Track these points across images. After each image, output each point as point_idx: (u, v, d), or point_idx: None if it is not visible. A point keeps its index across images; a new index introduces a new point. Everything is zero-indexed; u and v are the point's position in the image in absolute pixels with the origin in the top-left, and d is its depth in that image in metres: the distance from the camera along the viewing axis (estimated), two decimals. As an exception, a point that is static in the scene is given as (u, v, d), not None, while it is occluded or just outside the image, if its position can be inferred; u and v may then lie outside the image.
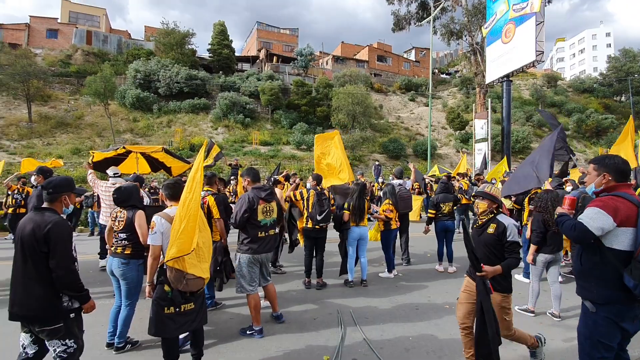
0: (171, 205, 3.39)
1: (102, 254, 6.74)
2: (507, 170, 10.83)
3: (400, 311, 4.87)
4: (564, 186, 6.32)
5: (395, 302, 5.21)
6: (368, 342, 3.91)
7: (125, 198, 3.85)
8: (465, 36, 26.43)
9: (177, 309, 3.05)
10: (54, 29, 32.61)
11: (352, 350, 3.78)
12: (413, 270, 6.95)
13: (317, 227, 5.69)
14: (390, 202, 6.38)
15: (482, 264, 2.93)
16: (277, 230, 4.39)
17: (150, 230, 3.19)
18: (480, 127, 20.80)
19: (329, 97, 28.76)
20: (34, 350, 2.62)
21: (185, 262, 2.93)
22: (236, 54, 37.82)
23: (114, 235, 3.79)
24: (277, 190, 5.87)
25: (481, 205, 3.28)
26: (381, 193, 6.82)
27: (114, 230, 3.80)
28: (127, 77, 27.79)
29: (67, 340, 2.60)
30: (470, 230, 3.34)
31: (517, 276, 6.22)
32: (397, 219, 6.52)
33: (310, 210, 5.67)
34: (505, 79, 18.08)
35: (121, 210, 3.83)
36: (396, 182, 7.27)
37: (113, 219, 3.81)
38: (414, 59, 50.00)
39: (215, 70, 32.97)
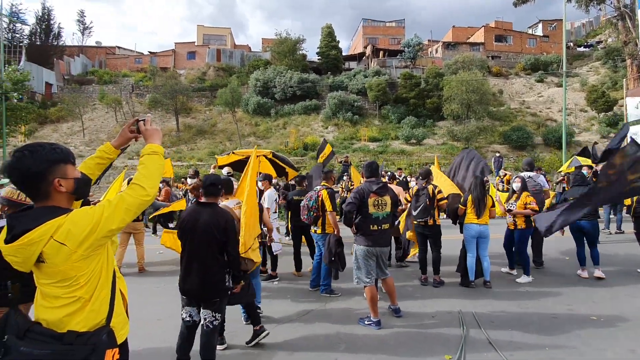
0: (226, 199, 4.00)
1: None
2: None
3: (532, 318, 4.39)
4: None
5: (524, 308, 4.71)
6: (495, 347, 3.65)
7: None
8: (610, -2, 21.93)
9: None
10: (192, 51, 38.48)
11: (477, 353, 3.58)
12: (546, 275, 6.15)
13: (420, 222, 5.56)
14: (529, 195, 5.79)
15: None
16: (389, 225, 4.36)
17: None
18: (635, 106, 17.00)
19: (440, 87, 27.22)
20: (198, 319, 3.19)
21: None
22: (343, 54, 38.77)
23: None
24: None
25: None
26: (512, 186, 6.19)
27: None
28: (249, 86, 31.08)
29: (216, 314, 3.14)
30: None
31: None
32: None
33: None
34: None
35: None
36: (525, 174, 6.50)
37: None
38: (541, 34, 43.61)
39: (324, 72, 34.37)
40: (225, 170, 6.94)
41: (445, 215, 6.51)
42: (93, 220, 1.58)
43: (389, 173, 6.81)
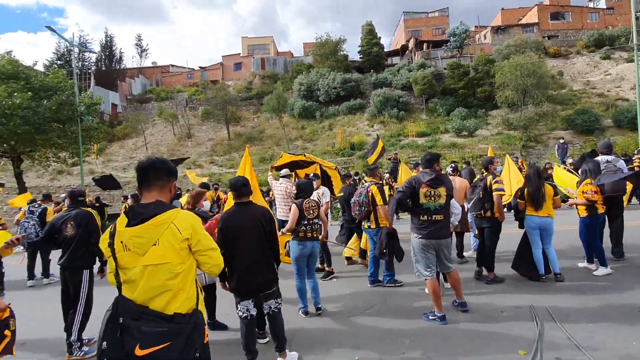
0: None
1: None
2: None
3: (615, 312, 4.03)
4: None
5: (606, 301, 4.33)
6: (575, 342, 3.40)
7: (307, 189, 4.54)
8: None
9: None
10: (238, 62, 40.16)
11: (554, 348, 3.36)
12: (630, 266, 5.61)
13: (477, 215, 5.41)
14: (592, 182, 5.32)
15: None
16: (443, 217, 4.21)
17: None
18: None
19: (491, 74, 25.84)
20: (254, 312, 3.37)
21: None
22: (385, 50, 38.23)
23: (309, 221, 4.45)
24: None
25: None
26: (580, 172, 5.72)
27: (307, 218, 4.44)
28: (293, 91, 31.75)
29: (278, 299, 3.42)
30: None
31: None
32: (602, 203, 5.37)
33: None
34: None
35: (310, 199, 4.51)
36: (603, 158, 5.92)
37: (307, 209, 4.48)
38: (605, 7, 39.70)
39: (367, 70, 34.14)
40: (283, 172, 7.17)
41: (506, 209, 6.17)
42: (198, 223, 2.10)
43: (451, 165, 6.60)
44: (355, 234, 6.70)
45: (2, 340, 2.50)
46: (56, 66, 30.70)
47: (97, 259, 4.14)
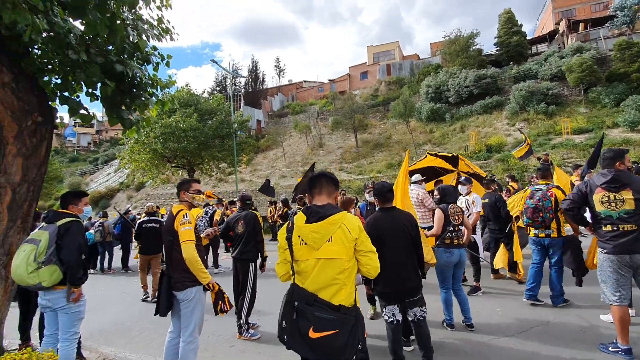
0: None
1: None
2: None
3: None
4: None
5: None
6: None
7: (451, 194, 4.37)
8: None
9: None
10: (364, 71, 41.21)
11: None
12: None
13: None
14: None
15: None
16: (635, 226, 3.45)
17: None
18: None
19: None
20: (400, 318, 3.37)
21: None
22: (528, 38, 33.79)
23: (455, 228, 4.27)
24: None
25: None
26: None
27: (453, 224, 4.27)
28: (420, 94, 30.81)
29: (423, 307, 3.38)
30: None
31: None
32: None
33: None
34: None
35: (456, 205, 4.33)
36: None
37: (452, 214, 4.31)
38: None
39: (505, 63, 30.75)
40: (414, 178, 7.04)
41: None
42: (362, 225, 2.32)
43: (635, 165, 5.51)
44: (502, 245, 6.08)
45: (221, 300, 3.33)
46: (215, 92, 36.99)
47: (260, 255, 4.81)
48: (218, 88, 43.37)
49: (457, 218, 4.30)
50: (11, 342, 4.42)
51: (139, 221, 7.47)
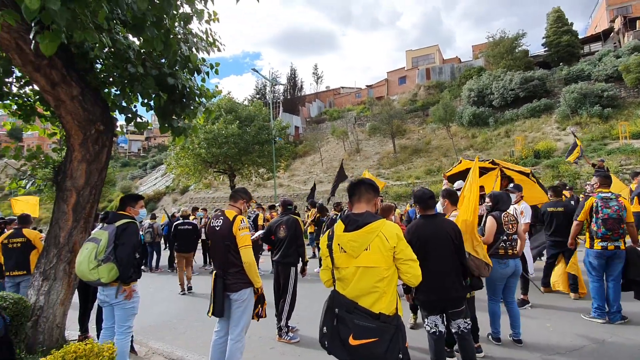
0: (453, 211, 3.91)
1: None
2: None
3: None
4: None
5: None
6: None
7: (504, 201, 4.17)
8: None
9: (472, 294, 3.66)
10: (402, 76, 40.70)
11: None
12: None
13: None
14: None
15: None
16: None
17: None
18: None
19: None
20: (443, 329, 3.26)
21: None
22: (580, 37, 31.82)
23: (509, 237, 4.07)
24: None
25: None
26: None
27: (507, 233, 4.07)
28: (461, 98, 29.89)
29: (468, 319, 3.25)
30: None
31: None
32: None
33: None
34: None
35: (509, 213, 4.14)
36: None
37: (505, 223, 4.10)
38: None
39: (555, 64, 29.15)
40: (456, 185, 6.82)
41: None
42: (401, 233, 2.27)
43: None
44: (562, 261, 5.67)
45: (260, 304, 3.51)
46: (255, 99, 38.14)
47: (300, 259, 4.89)
48: (258, 96, 44.68)
49: (510, 227, 4.10)
50: (71, 332, 4.78)
51: (175, 223, 8.35)
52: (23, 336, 3.61)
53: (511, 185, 5.86)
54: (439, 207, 4.15)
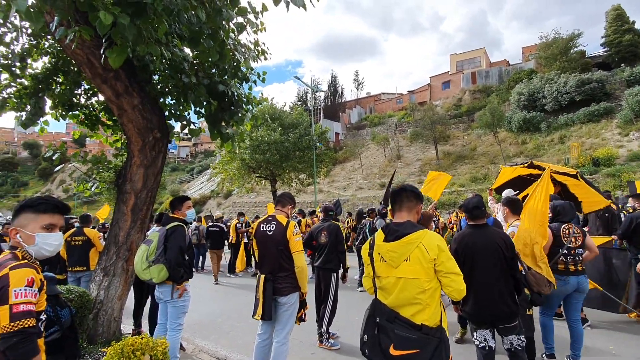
0: (514, 221, 3.67)
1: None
2: None
3: None
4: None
5: None
6: None
7: (565, 212, 3.88)
8: None
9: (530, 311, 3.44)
10: (446, 81, 39.57)
11: None
12: None
13: None
14: None
15: None
16: None
17: None
18: None
19: None
20: (493, 344, 3.07)
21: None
22: (645, 35, 29.24)
23: (571, 251, 3.80)
24: None
25: None
26: None
27: (568, 246, 3.80)
28: (510, 102, 28.50)
29: (521, 335, 3.03)
30: None
31: None
32: None
33: None
34: None
35: (571, 224, 3.85)
36: None
37: (566, 235, 3.83)
38: None
39: (615, 65, 27.02)
40: (504, 193, 6.45)
41: None
42: (444, 245, 2.16)
43: None
44: None
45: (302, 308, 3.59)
46: (297, 105, 38.84)
47: (341, 265, 4.88)
48: (299, 102, 45.48)
49: (574, 240, 3.81)
50: (125, 326, 5.10)
51: (207, 225, 9.83)
52: (85, 327, 3.90)
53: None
54: (499, 216, 3.99)
